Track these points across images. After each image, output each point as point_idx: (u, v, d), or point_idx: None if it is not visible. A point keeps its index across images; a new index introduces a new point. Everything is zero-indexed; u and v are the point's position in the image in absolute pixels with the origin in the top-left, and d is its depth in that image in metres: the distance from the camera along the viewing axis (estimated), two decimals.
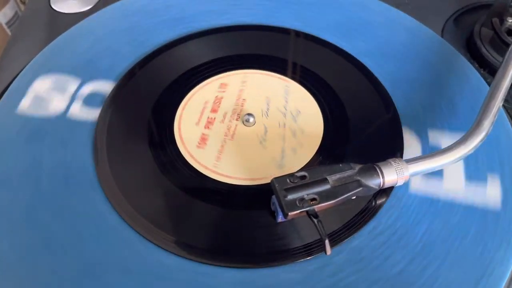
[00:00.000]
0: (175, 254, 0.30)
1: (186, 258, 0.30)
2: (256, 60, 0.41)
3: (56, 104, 0.38)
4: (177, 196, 0.32)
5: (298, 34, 0.43)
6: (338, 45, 0.42)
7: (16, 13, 0.64)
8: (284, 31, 0.43)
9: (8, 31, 0.63)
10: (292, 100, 0.38)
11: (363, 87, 0.39)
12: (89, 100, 0.38)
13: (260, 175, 0.33)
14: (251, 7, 0.45)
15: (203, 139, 0.35)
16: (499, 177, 0.33)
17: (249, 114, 0.36)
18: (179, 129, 0.36)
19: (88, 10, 0.49)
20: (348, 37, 0.43)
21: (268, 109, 0.38)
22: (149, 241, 0.30)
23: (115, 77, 0.39)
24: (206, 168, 0.34)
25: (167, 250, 0.30)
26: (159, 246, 0.30)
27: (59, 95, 0.38)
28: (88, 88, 0.39)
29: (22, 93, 0.38)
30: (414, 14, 0.45)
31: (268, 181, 0.30)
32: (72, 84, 0.39)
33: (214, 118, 0.37)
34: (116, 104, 0.37)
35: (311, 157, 0.35)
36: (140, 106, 0.38)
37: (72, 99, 0.38)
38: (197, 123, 0.37)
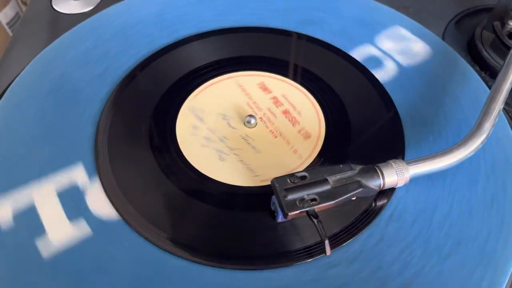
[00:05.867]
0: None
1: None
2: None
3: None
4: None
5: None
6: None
7: (17, 13, 0.64)
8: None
9: (9, 31, 0.63)
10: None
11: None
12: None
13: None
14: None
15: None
16: None
17: (250, 116, 0.36)
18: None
19: (90, 11, 0.49)
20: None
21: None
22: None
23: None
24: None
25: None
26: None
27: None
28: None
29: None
30: (415, 17, 0.45)
31: (269, 182, 0.30)
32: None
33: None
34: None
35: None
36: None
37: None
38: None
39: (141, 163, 0.34)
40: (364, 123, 0.37)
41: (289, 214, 0.28)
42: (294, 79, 0.40)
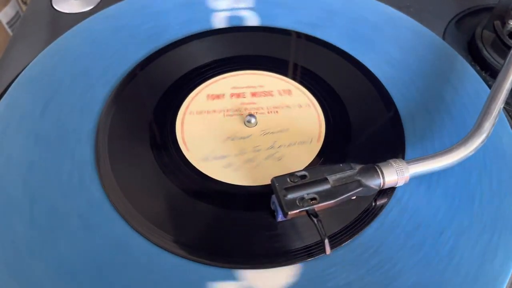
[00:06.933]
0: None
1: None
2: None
3: None
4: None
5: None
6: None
7: (17, 12, 0.64)
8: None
9: (9, 30, 0.63)
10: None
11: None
12: None
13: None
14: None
15: None
16: None
17: (251, 115, 0.36)
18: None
19: (90, 10, 0.49)
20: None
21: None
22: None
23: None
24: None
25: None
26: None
27: None
28: None
29: None
30: (415, 17, 0.45)
31: (269, 182, 0.30)
32: None
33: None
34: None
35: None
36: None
37: None
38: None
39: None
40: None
41: (289, 213, 0.28)
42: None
